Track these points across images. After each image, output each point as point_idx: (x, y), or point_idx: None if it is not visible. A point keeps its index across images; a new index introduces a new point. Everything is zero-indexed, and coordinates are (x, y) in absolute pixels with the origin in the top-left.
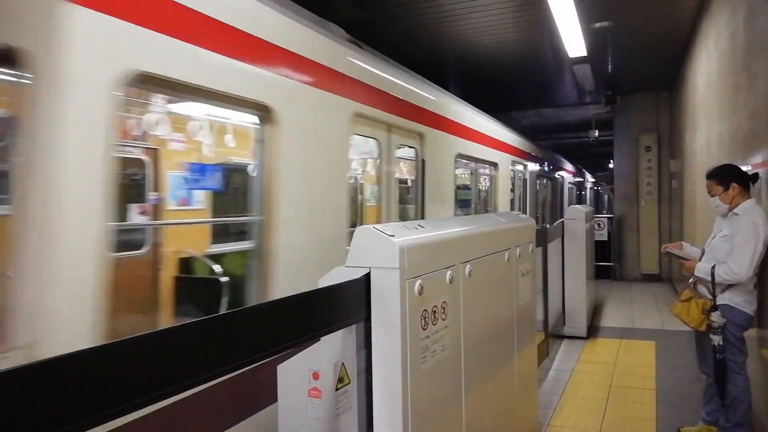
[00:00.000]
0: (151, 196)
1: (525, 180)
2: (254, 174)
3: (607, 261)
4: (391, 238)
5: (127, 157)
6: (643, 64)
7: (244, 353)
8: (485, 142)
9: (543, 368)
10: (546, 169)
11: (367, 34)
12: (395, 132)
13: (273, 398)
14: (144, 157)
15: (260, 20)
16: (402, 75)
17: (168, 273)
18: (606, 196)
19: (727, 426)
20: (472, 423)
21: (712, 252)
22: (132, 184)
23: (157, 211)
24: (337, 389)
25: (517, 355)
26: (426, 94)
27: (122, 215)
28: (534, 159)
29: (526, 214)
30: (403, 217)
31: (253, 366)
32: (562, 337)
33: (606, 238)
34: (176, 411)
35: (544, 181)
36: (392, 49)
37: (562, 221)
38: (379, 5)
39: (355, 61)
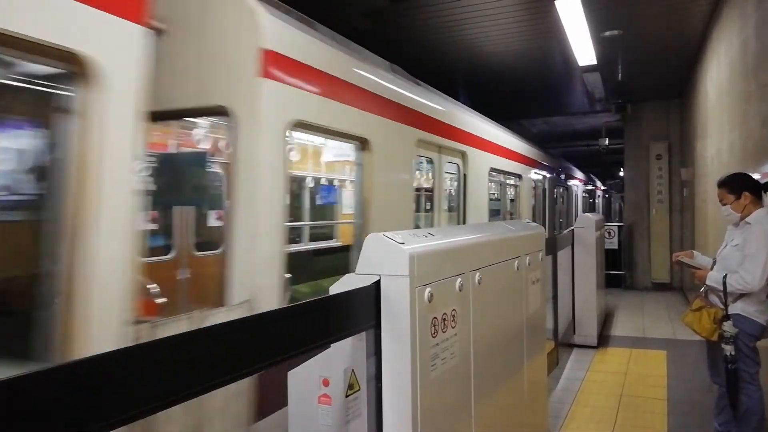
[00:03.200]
0: None
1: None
2: None
3: (618, 269)
4: (401, 245)
5: None
6: (654, 72)
7: (255, 359)
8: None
9: (553, 377)
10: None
11: (377, 44)
12: None
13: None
14: None
15: None
16: None
17: None
18: (617, 204)
19: None
20: (481, 431)
21: (723, 261)
22: None
23: None
24: (347, 396)
25: (527, 364)
26: None
27: None
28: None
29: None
30: None
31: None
32: (572, 346)
33: (616, 247)
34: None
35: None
36: (402, 58)
37: (572, 229)
38: (389, 16)
39: None
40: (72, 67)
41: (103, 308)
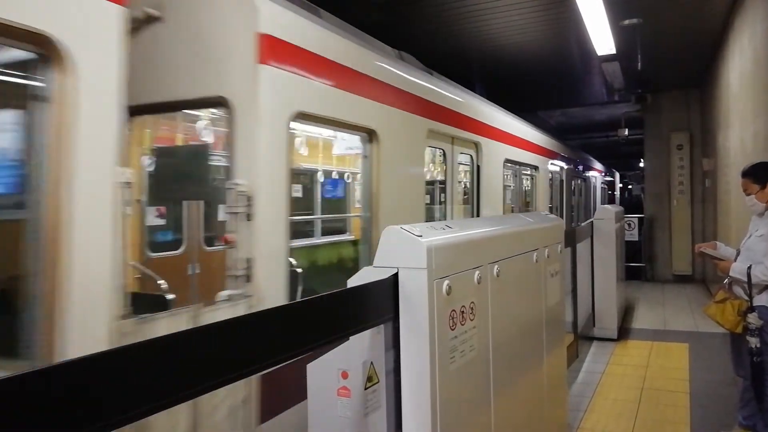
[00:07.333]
0: None
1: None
2: None
3: (638, 262)
4: (419, 238)
5: None
6: (674, 61)
7: (274, 352)
8: None
9: (572, 370)
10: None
11: (390, 36)
12: None
13: None
14: None
15: None
16: None
17: None
18: (628, 195)
19: (766, 431)
20: (500, 424)
21: (748, 252)
22: None
23: None
24: (366, 388)
25: (546, 357)
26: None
27: None
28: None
29: None
30: None
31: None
32: (592, 338)
33: (636, 239)
34: None
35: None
36: (416, 50)
37: (591, 221)
38: (402, 7)
39: None
40: (42, 50)
41: None
